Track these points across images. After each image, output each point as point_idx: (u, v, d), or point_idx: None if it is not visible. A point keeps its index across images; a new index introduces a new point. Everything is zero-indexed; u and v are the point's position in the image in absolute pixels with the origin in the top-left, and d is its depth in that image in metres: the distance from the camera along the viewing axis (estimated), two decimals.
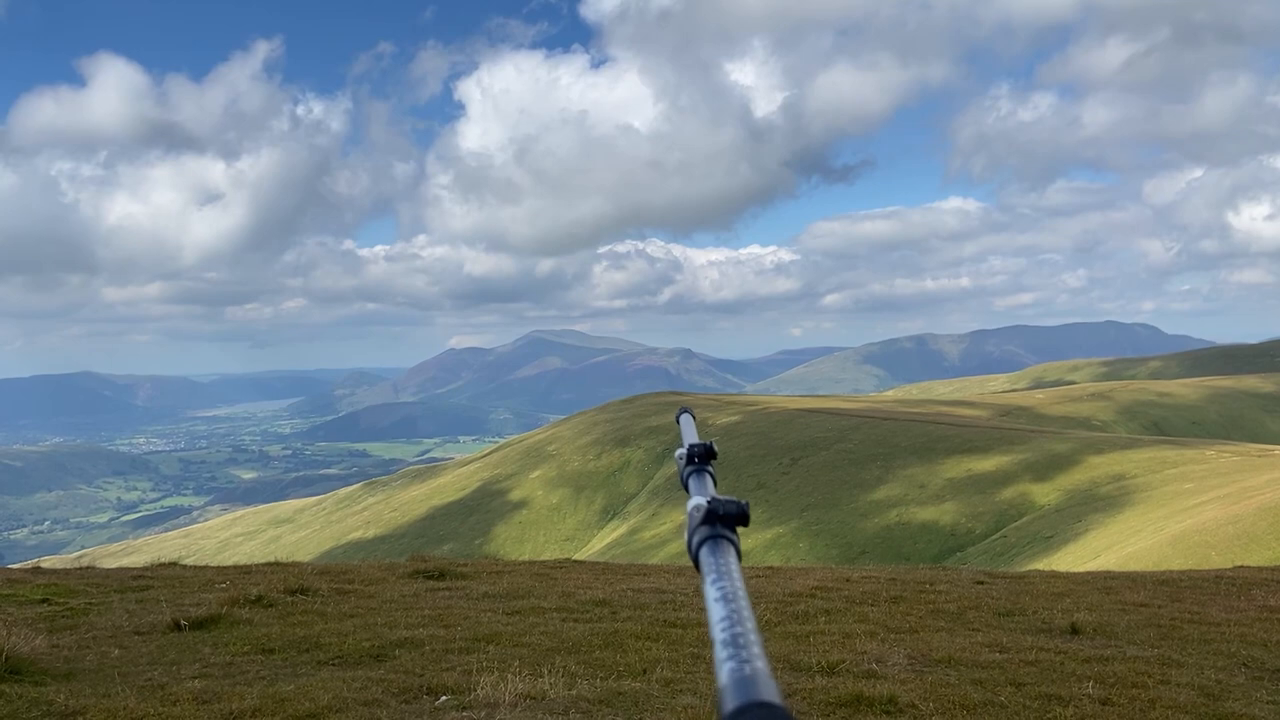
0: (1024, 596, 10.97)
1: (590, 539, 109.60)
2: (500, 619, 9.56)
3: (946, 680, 7.12)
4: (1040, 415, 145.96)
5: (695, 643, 8.44)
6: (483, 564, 14.34)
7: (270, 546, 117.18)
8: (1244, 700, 6.61)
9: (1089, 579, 13.45)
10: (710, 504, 1.69)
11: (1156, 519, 64.11)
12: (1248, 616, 9.82)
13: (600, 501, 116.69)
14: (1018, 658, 7.72)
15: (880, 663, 7.62)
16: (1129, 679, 7.05)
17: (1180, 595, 11.54)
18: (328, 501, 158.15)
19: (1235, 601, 10.99)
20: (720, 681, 1.65)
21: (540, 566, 14.07)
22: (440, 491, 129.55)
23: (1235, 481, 67.72)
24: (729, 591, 1.66)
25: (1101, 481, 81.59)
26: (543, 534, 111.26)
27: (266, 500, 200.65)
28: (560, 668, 7.51)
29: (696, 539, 1.69)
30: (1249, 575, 14.22)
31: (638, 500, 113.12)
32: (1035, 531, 73.47)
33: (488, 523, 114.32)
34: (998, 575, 13.97)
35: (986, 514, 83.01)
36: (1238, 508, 57.22)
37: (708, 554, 1.68)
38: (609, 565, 15.08)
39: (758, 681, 1.64)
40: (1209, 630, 8.90)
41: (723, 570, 1.67)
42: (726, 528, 1.69)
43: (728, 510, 1.69)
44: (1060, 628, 8.93)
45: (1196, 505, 63.46)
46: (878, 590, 11.29)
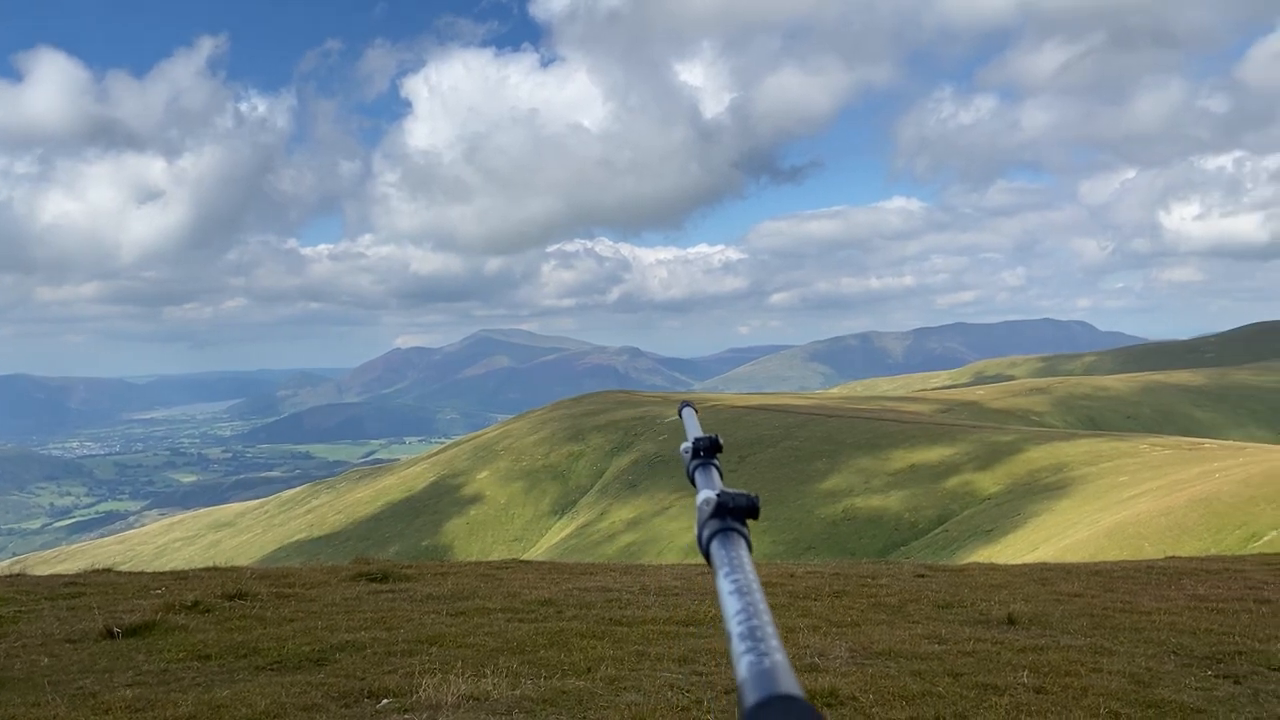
0: (963, 589, 11.16)
1: (541, 536, 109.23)
2: (444, 620, 9.47)
3: (886, 672, 7.22)
4: (983, 410, 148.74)
5: (640, 640, 8.45)
6: (427, 566, 14.21)
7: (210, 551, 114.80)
8: (1173, 687, 6.80)
9: (1026, 571, 13.73)
10: (720, 497, 1.67)
11: (1092, 511, 65.71)
12: (1177, 605, 10.10)
13: (552, 498, 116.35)
14: (956, 649, 7.85)
15: (822, 656, 7.70)
16: (1062, 667, 7.21)
17: (1113, 585, 11.83)
18: (270, 504, 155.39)
19: (1166, 591, 11.29)
20: (739, 675, 1.63)
21: (486, 567, 13.98)
22: (386, 493, 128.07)
23: (1167, 474, 69.67)
24: (743, 585, 1.65)
25: (1041, 473, 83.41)
26: (491, 534, 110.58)
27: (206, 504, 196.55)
28: (504, 668, 7.47)
29: (707, 532, 1.67)
30: (1179, 565, 14.62)
31: (589, 496, 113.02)
32: (977, 525, 74.86)
33: (436, 523, 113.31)
34: (938, 568, 14.20)
35: (933, 503, 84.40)
36: (1170, 500, 58.88)
37: (719, 547, 1.66)
38: (556, 565, 15.04)
39: (778, 674, 1.63)
40: (1140, 619, 9.14)
41: (735, 563, 1.65)
42: (736, 520, 1.67)
43: (737, 503, 1.67)
44: (997, 618, 9.11)
45: (1131, 498, 65.16)
46: (821, 585, 11.41)
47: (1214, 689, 6.78)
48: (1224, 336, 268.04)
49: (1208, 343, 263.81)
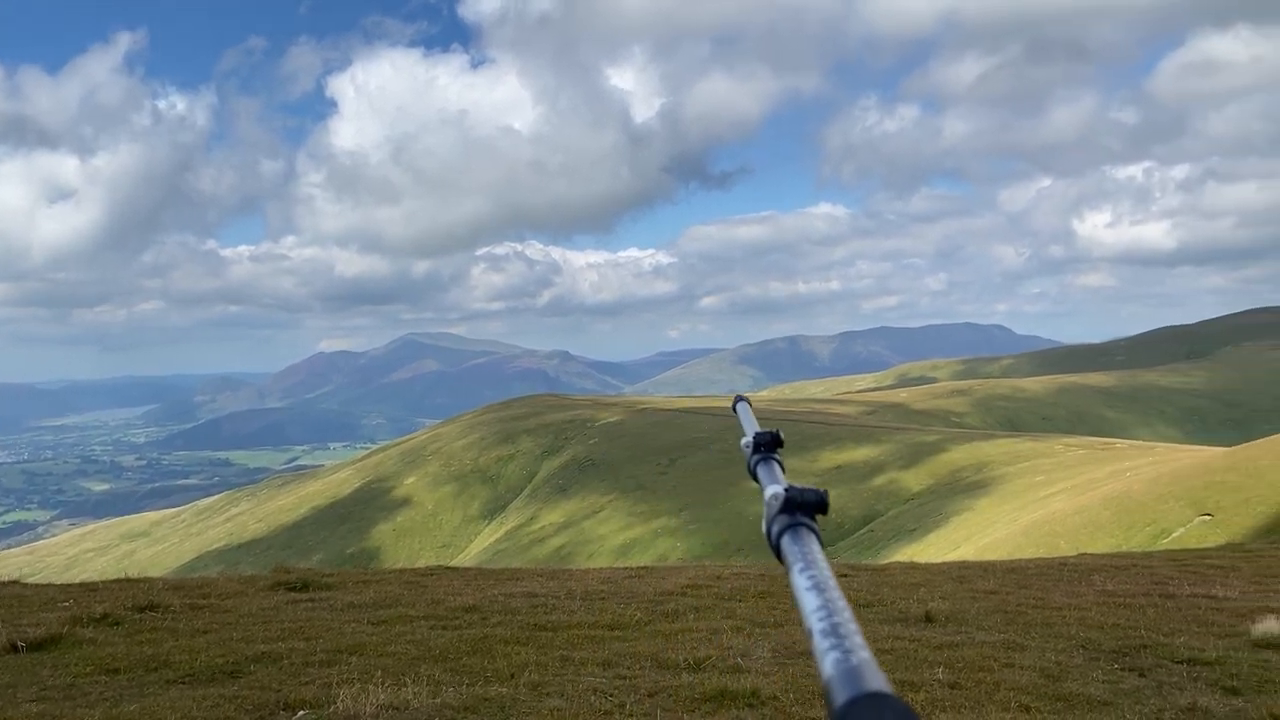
0: (883, 587, 11.36)
1: (471, 540, 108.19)
2: (365, 629, 9.31)
3: (808, 671, 7.32)
4: (907, 411, 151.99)
5: (565, 645, 8.42)
6: (350, 574, 13.95)
7: (123, 562, 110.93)
8: (1081, 680, 7.01)
9: (944, 569, 14.04)
10: (789, 492, 1.66)
11: (1011, 510, 67.54)
12: (1087, 601, 10.42)
13: (482, 502, 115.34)
14: (874, 646, 7.99)
15: (746, 657, 7.77)
16: (977, 663, 7.38)
17: (1027, 582, 12.16)
18: (186, 513, 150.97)
19: (1077, 587, 11.64)
20: (825, 673, 1.60)
21: (410, 574, 13.79)
22: (310, 499, 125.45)
23: (1081, 473, 72.00)
24: (820, 580, 1.62)
25: (963, 472, 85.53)
26: (419, 540, 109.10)
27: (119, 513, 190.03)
28: (425, 676, 7.37)
29: (776, 528, 1.65)
30: (1090, 562, 15.10)
31: (520, 499, 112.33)
32: (901, 525, 76.41)
33: (362, 530, 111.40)
34: (860, 568, 14.44)
35: (860, 502, 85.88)
36: (1084, 498, 60.83)
37: (791, 542, 1.64)
38: (482, 570, 14.90)
39: (866, 672, 1.61)
40: (1051, 615, 9.41)
41: (810, 558, 1.64)
42: (806, 515, 1.65)
43: (806, 498, 1.65)
44: (915, 616, 9.29)
45: (1047, 496, 67.16)
46: (748, 586, 11.50)
47: (1120, 682, 7.01)
48: (1134, 340, 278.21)
49: (1119, 346, 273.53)
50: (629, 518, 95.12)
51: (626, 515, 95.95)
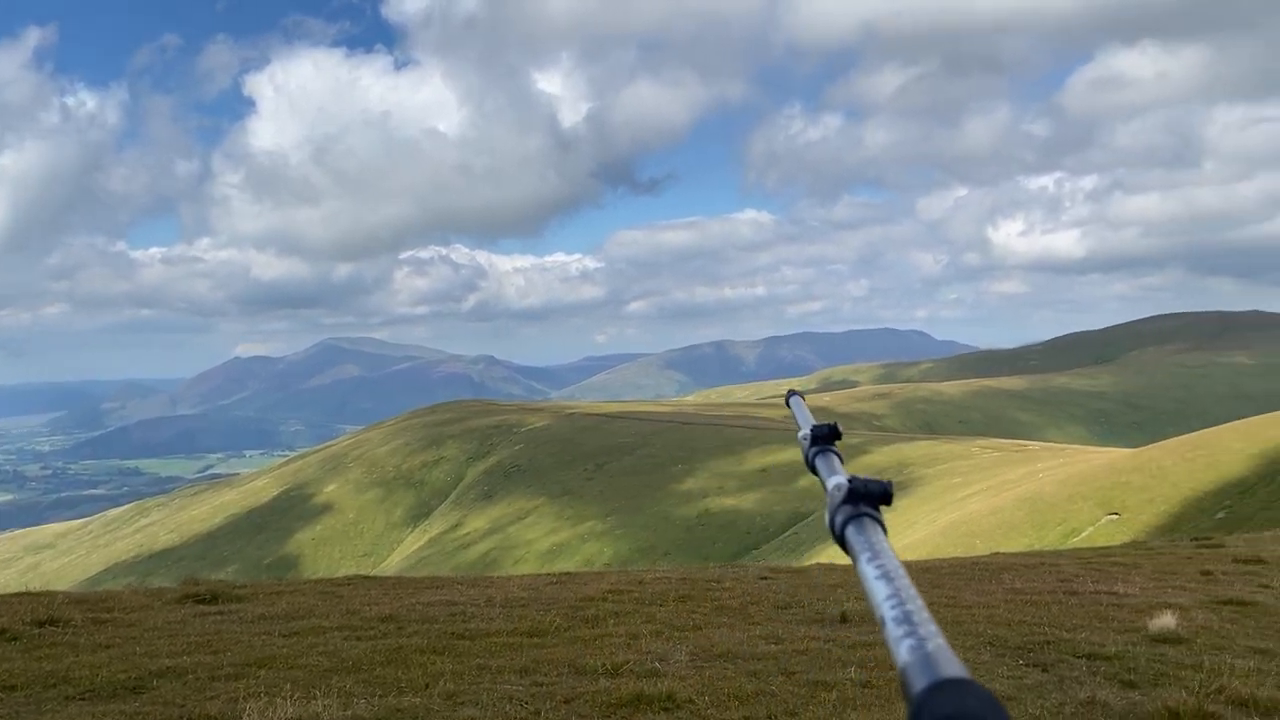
0: (802, 589, 11.51)
1: (395, 547, 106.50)
2: (276, 641, 9.08)
3: (724, 674, 7.37)
4: (831, 414, 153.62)
5: (482, 653, 8.34)
6: (262, 585, 13.60)
7: (27, 575, 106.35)
8: (987, 676, 7.20)
9: None
10: (852, 483, 1.65)
11: (930, 510, 69.17)
12: (996, 599, 10.70)
13: (406, 508, 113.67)
14: (791, 648, 8.09)
15: (663, 661, 7.79)
16: (887, 661, 7.53)
17: (940, 582, 12.43)
18: (94, 524, 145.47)
19: (987, 585, 11.94)
20: (901, 660, 1.60)
21: (326, 584, 13.50)
22: (225, 509, 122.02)
23: (997, 475, 74.11)
24: (889, 569, 1.62)
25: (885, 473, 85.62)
26: (340, 548, 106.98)
27: (22, 525, 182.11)
28: (336, 688, 7.22)
29: (840, 518, 1.64)
30: (1002, 561, 15.52)
31: (446, 505, 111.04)
32: (822, 528, 77.55)
33: (280, 539, 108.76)
34: (781, 570, 14.60)
35: (786, 502, 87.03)
36: (998, 499, 62.62)
37: (856, 533, 1.63)
38: (400, 579, 14.67)
39: (944, 658, 1.60)
40: (961, 613, 9.65)
41: (877, 548, 1.63)
42: (870, 506, 1.64)
43: (870, 489, 1.65)
44: (831, 617, 9.44)
45: (964, 497, 68.99)
46: (668, 590, 11.54)
47: (1024, 677, 7.21)
48: (1046, 345, 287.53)
49: (1032, 351, 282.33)
50: (556, 522, 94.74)
51: (554, 520, 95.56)
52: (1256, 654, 7.84)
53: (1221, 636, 8.41)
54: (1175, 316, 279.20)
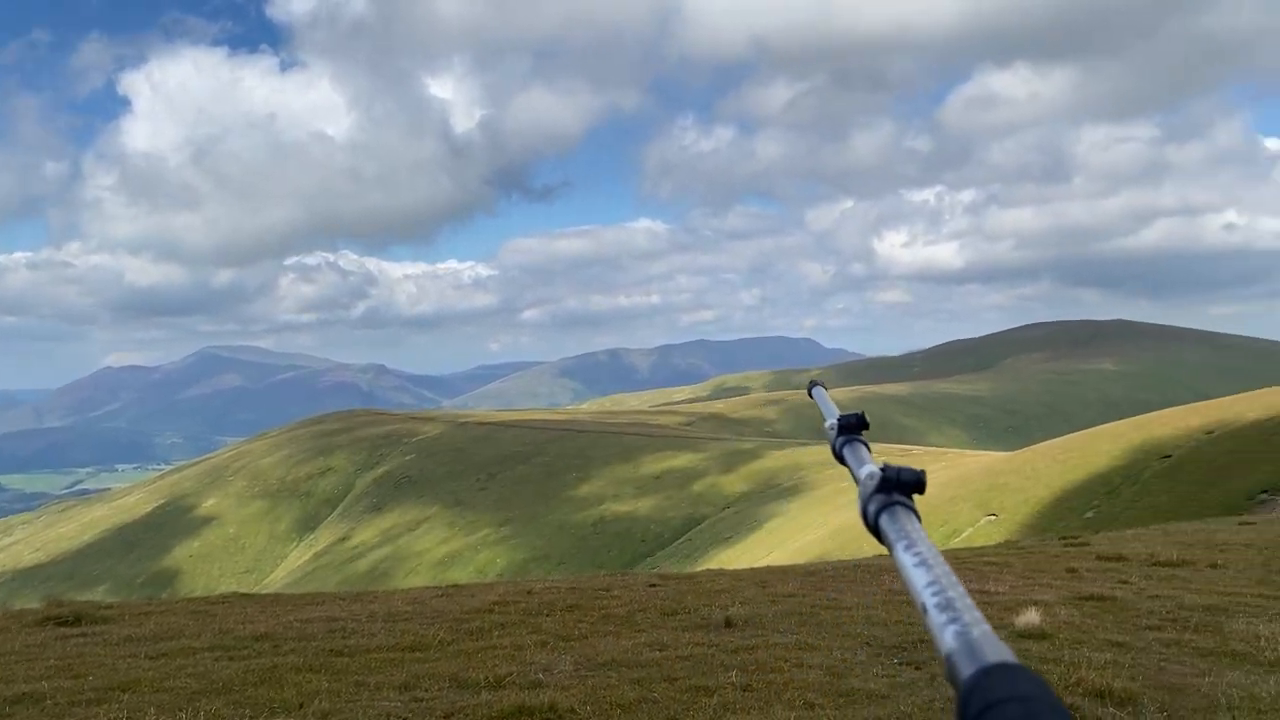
0: (689, 595, 11.60)
1: (281, 561, 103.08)
2: (141, 664, 8.66)
3: (608, 682, 7.37)
4: (725, 420, 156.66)
5: (361, 670, 8.13)
6: (130, 605, 12.97)
7: None
8: (863, 676, 7.39)
9: (749, 575, 14.50)
10: (885, 471, 1.61)
11: (821, 514, 70.74)
12: (875, 599, 10.99)
13: (293, 521, 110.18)
14: (674, 654, 8.15)
15: (547, 671, 7.74)
16: (768, 664, 7.65)
17: (823, 584, 12.70)
18: None
19: (867, 587, 12.25)
20: (946, 646, 1.57)
21: (198, 603, 12.96)
22: (95, 525, 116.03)
23: None
24: (927, 556, 1.60)
25: (778, 477, 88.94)
26: (218, 566, 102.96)
27: None
28: (204, 711, 6.93)
29: (873, 507, 1.61)
30: (883, 563, 15.94)
31: (334, 516, 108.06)
32: (718, 533, 78.57)
33: (156, 556, 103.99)
34: (670, 577, 14.69)
35: (682, 506, 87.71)
36: None
37: (890, 522, 1.61)
38: (279, 596, 14.20)
39: (991, 643, 1.58)
40: (841, 614, 9.88)
41: (913, 536, 1.60)
42: (903, 494, 1.61)
43: (903, 477, 1.61)
44: (716, 622, 9.54)
45: (851, 501, 70.66)
46: (556, 600, 11.47)
47: (898, 675, 7.43)
48: (928, 352, 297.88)
49: (915, 358, 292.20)
50: (449, 532, 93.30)
51: (446, 530, 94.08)
52: (1113, 647, 8.25)
53: (1082, 631, 8.83)
54: (1046, 325, 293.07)
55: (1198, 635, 8.61)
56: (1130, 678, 7.18)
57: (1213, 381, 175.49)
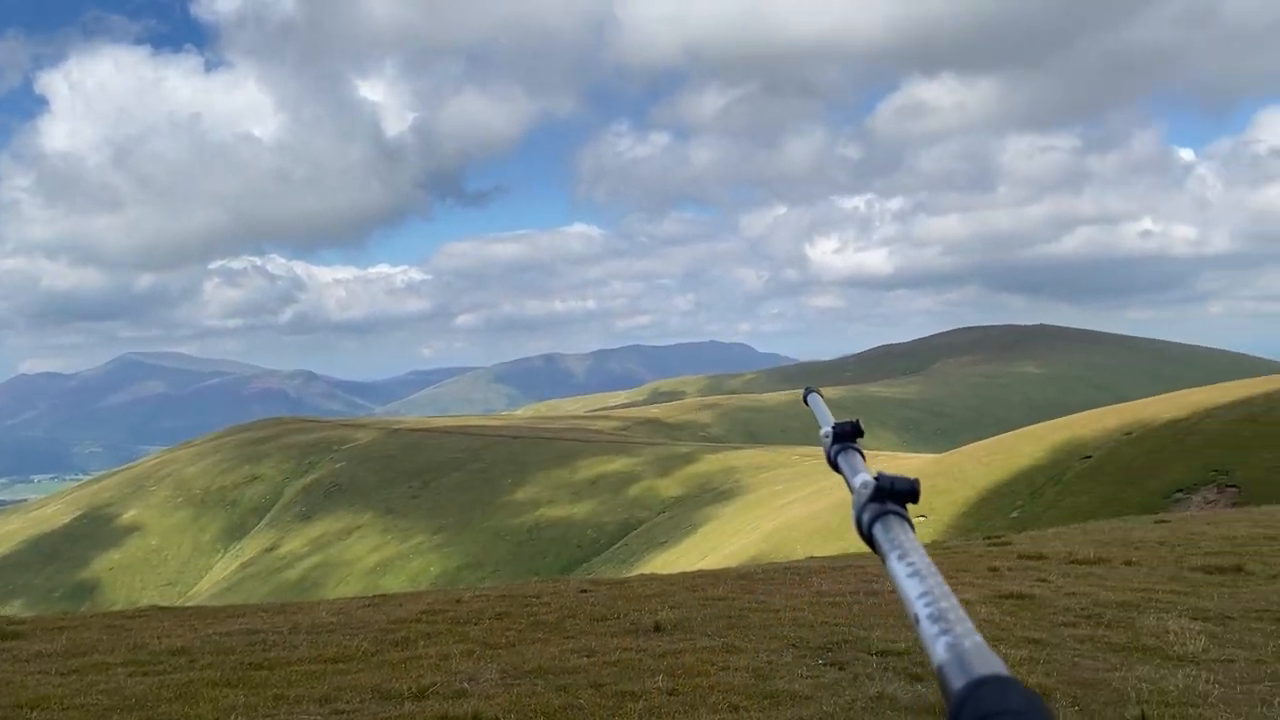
0: (620, 601, 11.59)
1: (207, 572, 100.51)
2: (52, 680, 8.35)
3: (533, 690, 7.32)
4: (661, 425, 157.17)
5: (280, 684, 7.95)
6: (42, 620, 12.51)
7: None
8: (788, 678, 7.45)
9: (681, 579, 14.54)
10: (879, 480, 1.61)
11: (755, 518, 71.35)
12: (803, 601, 11.10)
13: (220, 531, 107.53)
14: (602, 659, 8.13)
15: (472, 681, 7.66)
16: (695, 668, 7.68)
17: (753, 587, 12.80)
18: None
19: (796, 589, 12.37)
20: (937, 658, 1.57)
21: (114, 617, 12.55)
22: (9, 538, 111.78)
23: (815, 482, 77.26)
24: (920, 567, 1.60)
25: (713, 481, 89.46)
26: (141, 578, 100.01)
27: None
28: None
29: (867, 516, 1.61)
30: (814, 565, 16.12)
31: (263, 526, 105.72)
32: (653, 537, 78.75)
33: (74, 569, 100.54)
34: (602, 583, 14.66)
35: (618, 510, 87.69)
36: (817, 505, 65.29)
37: (883, 531, 1.60)
38: (199, 609, 13.83)
39: (980, 655, 1.58)
40: (770, 617, 9.96)
41: (905, 546, 1.60)
42: (897, 504, 1.61)
43: (898, 487, 1.61)
44: (646, 627, 9.54)
45: (786, 504, 71.55)
46: (485, 608, 11.37)
47: (821, 676, 7.51)
48: (860, 356, 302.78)
49: (848, 362, 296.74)
50: (381, 540, 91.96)
51: (379, 538, 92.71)
52: (1030, 644, 8.46)
53: (1000, 628, 9.03)
54: (973, 330, 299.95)
55: (1111, 631, 8.87)
56: (1045, 674, 7.37)
57: (1130, 384, 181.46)
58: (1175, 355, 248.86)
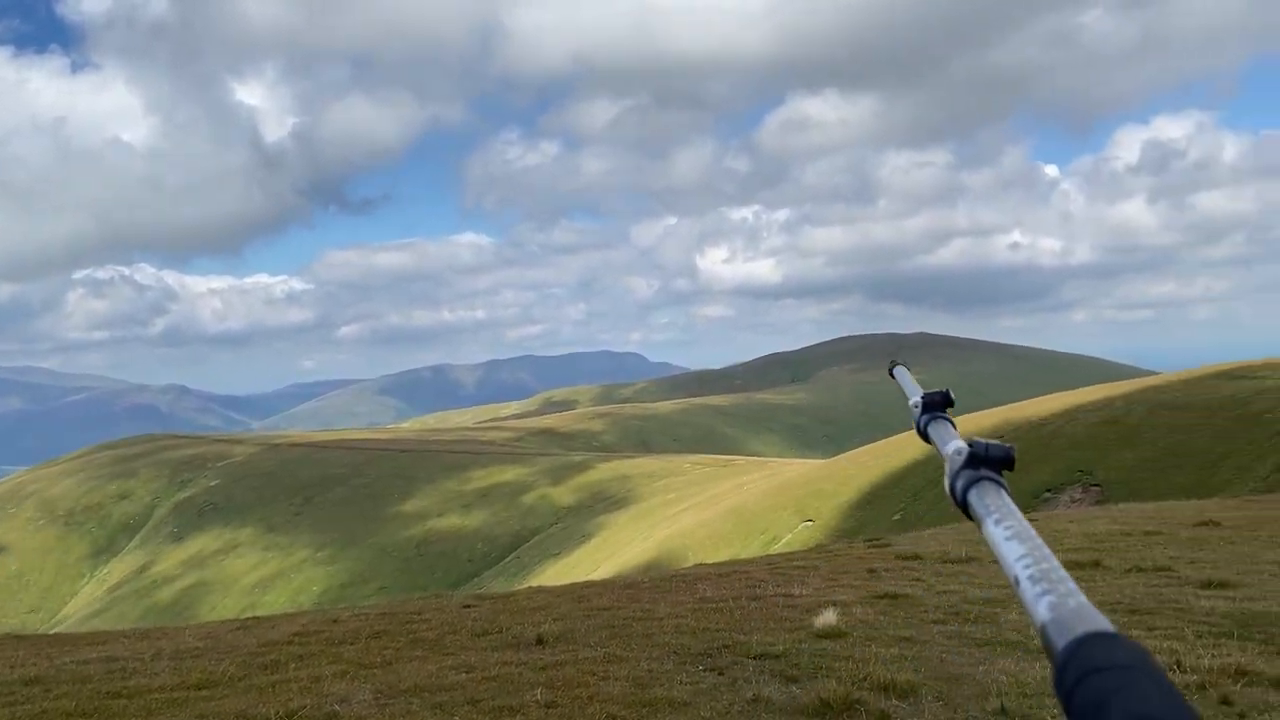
0: (503, 615, 11.44)
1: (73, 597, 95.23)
2: None
3: (408, 709, 7.15)
4: (554, 434, 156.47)
5: (139, 713, 7.57)
6: None
7: None
8: (668, 685, 7.48)
9: (567, 590, 14.45)
10: (973, 446, 1.57)
11: (647, 526, 71.66)
12: (687, 608, 11.17)
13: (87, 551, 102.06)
14: (481, 675, 8.00)
15: (344, 702, 7.44)
16: (575, 680, 7.64)
17: (639, 596, 12.81)
18: None
19: (681, 596, 12.44)
20: (1040, 618, 1.56)
21: None
22: None
23: (706, 489, 78.16)
24: (1019, 530, 1.58)
25: (606, 490, 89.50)
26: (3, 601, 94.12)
27: None
28: None
29: (962, 483, 1.58)
30: (700, 571, 16.24)
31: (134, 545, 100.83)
32: (546, 549, 78.25)
33: None
34: (486, 597, 14.47)
35: (509, 521, 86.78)
36: (708, 513, 66.03)
37: (979, 497, 1.58)
38: (56, 636, 13.08)
39: (1086, 613, 1.56)
40: (653, 625, 9.99)
41: (1004, 510, 1.58)
42: (991, 470, 1.58)
43: (993, 453, 1.58)
44: (528, 640, 9.44)
45: (678, 513, 72.11)
46: (363, 628, 11.06)
47: (700, 682, 7.57)
48: (749, 365, 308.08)
49: (737, 370, 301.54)
50: (260, 559, 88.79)
51: (258, 556, 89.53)
52: (902, 642, 8.72)
53: (874, 628, 9.28)
54: (856, 338, 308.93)
55: (976, 626, 9.21)
56: (914, 670, 7.60)
57: (1004, 389, 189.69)
58: (1043, 361, 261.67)
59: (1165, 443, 44.40)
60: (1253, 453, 40.00)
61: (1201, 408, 46.21)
